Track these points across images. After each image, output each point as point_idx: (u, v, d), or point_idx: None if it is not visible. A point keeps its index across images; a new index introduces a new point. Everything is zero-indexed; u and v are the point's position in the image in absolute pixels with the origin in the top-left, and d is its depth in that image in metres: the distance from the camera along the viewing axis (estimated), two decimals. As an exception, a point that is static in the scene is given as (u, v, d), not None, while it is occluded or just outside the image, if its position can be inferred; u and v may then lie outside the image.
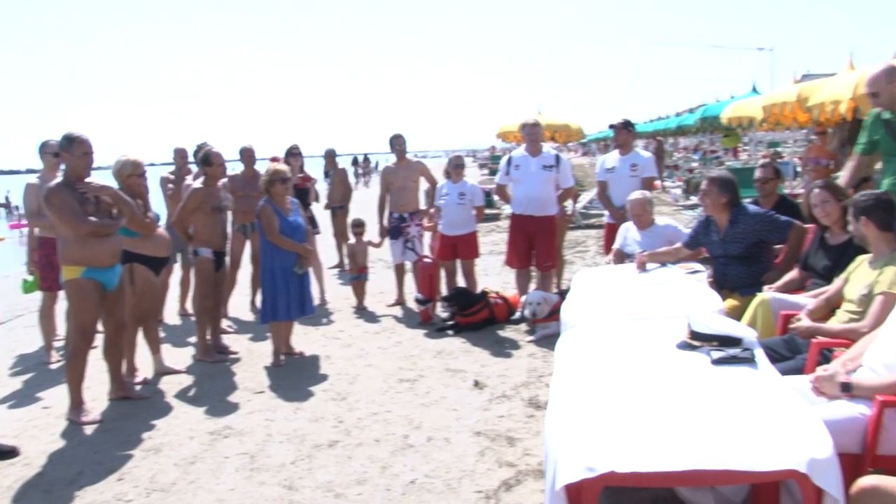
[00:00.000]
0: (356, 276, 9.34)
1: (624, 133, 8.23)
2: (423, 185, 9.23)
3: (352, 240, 9.57)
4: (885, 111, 5.44)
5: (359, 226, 9.58)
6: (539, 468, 4.37)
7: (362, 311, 9.03)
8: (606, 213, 8.38)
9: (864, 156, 5.59)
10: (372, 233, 9.49)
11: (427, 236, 9.30)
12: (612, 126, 8.34)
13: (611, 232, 7.67)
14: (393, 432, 5.15)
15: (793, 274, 5.42)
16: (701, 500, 3.57)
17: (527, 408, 5.48)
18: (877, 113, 5.52)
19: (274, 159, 9.00)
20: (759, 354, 3.61)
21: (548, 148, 8.25)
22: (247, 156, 8.95)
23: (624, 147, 8.18)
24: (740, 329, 3.84)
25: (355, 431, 5.21)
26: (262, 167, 7.84)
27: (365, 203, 9.75)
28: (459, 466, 4.54)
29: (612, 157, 8.28)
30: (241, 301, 9.28)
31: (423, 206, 9.21)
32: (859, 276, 4.30)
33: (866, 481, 2.72)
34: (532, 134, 7.95)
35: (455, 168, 8.51)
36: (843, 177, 5.71)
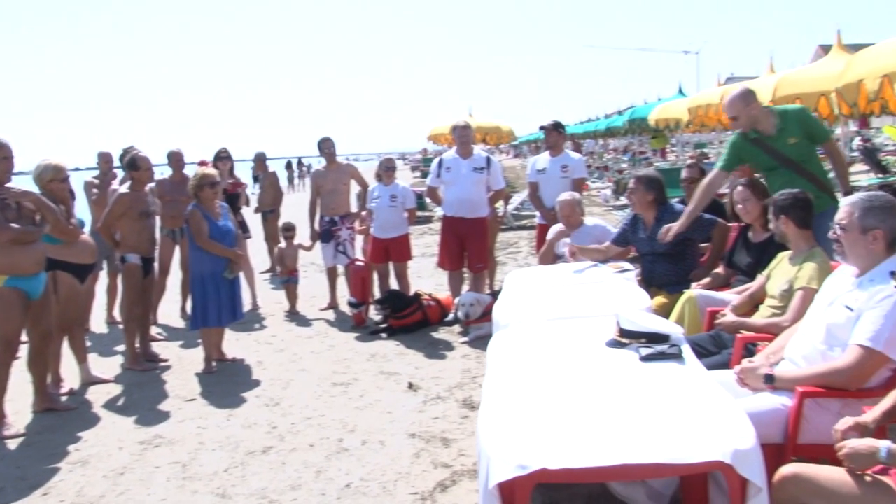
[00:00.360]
0: (286, 279, 9.27)
1: (554, 134, 8.31)
2: (355, 188, 9.19)
3: (283, 243, 9.49)
4: (751, 131, 5.62)
5: (289, 229, 9.51)
6: (474, 468, 4.40)
7: (295, 316, 8.96)
8: (538, 214, 8.47)
9: (724, 171, 5.77)
10: (303, 236, 9.42)
11: (359, 239, 9.27)
12: (542, 128, 8.42)
13: (542, 232, 7.75)
14: (327, 436, 5.13)
15: (718, 271, 5.57)
16: (633, 494, 3.65)
17: (461, 409, 5.51)
18: (742, 133, 5.68)
19: (202, 163, 8.87)
20: (686, 350, 3.70)
21: (478, 150, 8.31)
22: (175, 160, 8.78)
23: (555, 149, 8.26)
24: (667, 326, 3.93)
25: (289, 437, 5.17)
26: (190, 171, 7.71)
27: (298, 206, 9.69)
28: (395, 469, 4.54)
29: (543, 159, 8.36)
30: (171, 308, 9.11)
31: (354, 209, 9.18)
32: (780, 272, 4.44)
33: (787, 469, 2.81)
34: (463, 136, 8.00)
35: (386, 171, 8.51)
36: (700, 188, 5.84)
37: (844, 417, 2.90)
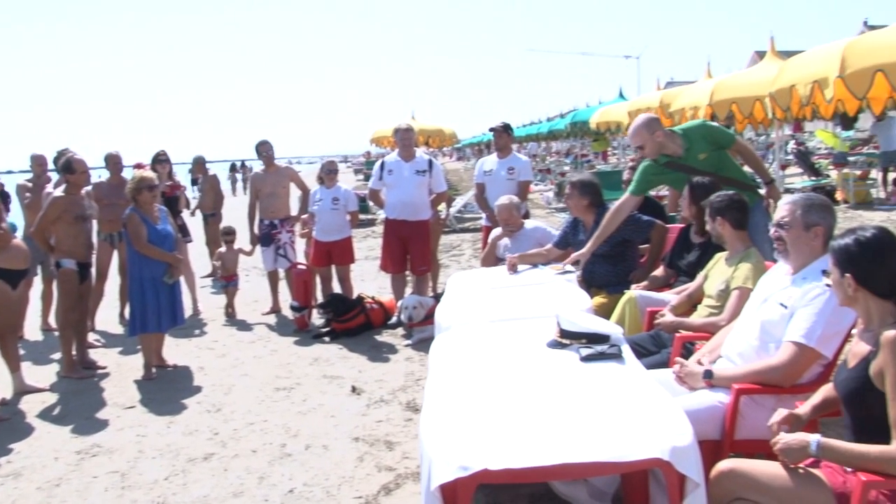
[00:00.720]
0: (226, 283, 9.16)
1: (505, 136, 8.39)
2: (296, 191, 9.12)
3: (223, 248, 9.36)
4: (660, 157, 5.68)
5: (229, 233, 9.39)
6: (418, 471, 4.39)
7: (236, 321, 8.85)
8: (483, 215, 8.52)
9: (634, 196, 5.83)
10: (244, 240, 9.30)
11: (302, 242, 9.20)
12: (492, 129, 8.48)
13: (488, 234, 7.78)
14: (270, 442, 5.08)
15: (658, 272, 5.66)
16: (575, 493, 3.69)
17: (405, 411, 5.50)
18: (653, 160, 5.73)
19: (138, 166, 8.70)
20: (626, 350, 3.75)
21: (420, 153, 8.33)
22: (112, 162, 8.59)
23: (503, 150, 8.32)
24: (607, 326, 3.98)
25: (231, 443, 5.10)
26: (128, 174, 7.57)
27: (241, 209, 9.58)
28: (338, 473, 4.52)
29: (491, 161, 8.43)
30: (109, 313, 8.92)
31: (294, 212, 9.10)
32: (717, 272, 4.53)
33: (724, 465, 2.87)
34: (405, 139, 8.00)
35: (328, 174, 8.47)
36: (610, 212, 5.87)
37: (779, 410, 2.97)
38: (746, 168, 6.22)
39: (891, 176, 16.56)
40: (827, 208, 3.52)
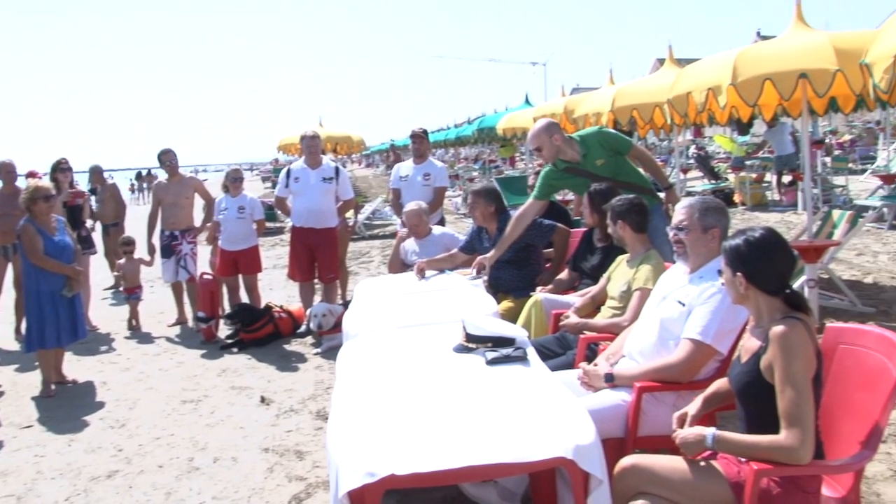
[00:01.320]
0: (128, 296, 8.91)
1: (425, 142, 8.44)
2: (200, 201, 8.94)
3: (123, 259, 9.09)
4: (558, 161, 5.85)
5: (128, 244, 9.12)
6: (328, 480, 4.38)
7: (141, 333, 8.62)
8: (398, 221, 8.53)
9: (537, 200, 5.99)
10: (144, 250, 9.03)
11: (206, 252, 9.02)
12: (412, 134, 8.49)
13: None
14: (177, 456, 4.97)
15: (563, 275, 5.77)
16: (485, 495, 3.73)
17: (315, 420, 5.46)
18: (553, 165, 5.91)
19: (31, 175, 8.40)
20: (531, 352, 3.81)
21: (327, 160, 8.28)
22: (5, 171, 8.27)
23: (421, 156, 8.35)
24: (512, 329, 4.03)
25: (136, 459, 4.97)
26: (22, 183, 7.29)
27: (143, 219, 9.33)
28: (248, 485, 4.46)
29: (407, 166, 8.46)
30: (4, 329, 8.57)
31: (198, 223, 8.90)
32: (619, 274, 4.65)
33: (626, 461, 2.96)
34: (311, 146, 7.95)
35: (233, 182, 8.35)
36: (514, 218, 5.97)
37: (679, 409, 3.08)
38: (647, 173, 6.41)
39: (784, 179, 17.30)
40: (722, 211, 3.69)
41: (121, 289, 9.76)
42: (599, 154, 5.77)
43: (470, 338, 3.87)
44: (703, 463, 2.84)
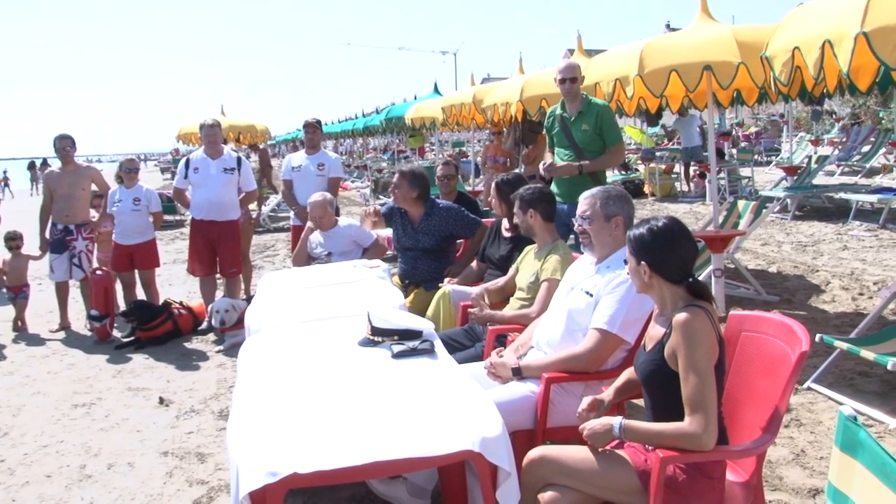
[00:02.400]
0: (13, 295, 8.53)
1: (319, 132, 8.47)
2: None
3: (8, 255, 8.71)
4: (558, 107, 6.27)
5: (14, 238, 8.69)
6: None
7: (27, 335, 8.28)
8: (291, 213, 8.44)
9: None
10: (33, 246, 8.67)
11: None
12: (306, 125, 8.48)
13: (297, 233, 7.70)
14: (67, 464, 4.80)
15: (472, 266, 5.82)
16: (394, 492, 3.74)
17: (217, 420, 5.38)
18: (553, 109, 6.35)
19: None
20: (438, 345, 3.83)
21: (229, 150, 8.14)
22: None
23: (314, 147, 8.34)
24: (419, 322, 4.04)
25: (21, 469, 4.78)
26: None
27: (33, 212, 8.94)
28: (146, 491, 4.35)
29: (299, 156, 8.43)
30: None
31: (95, 216, 8.60)
32: (527, 265, 4.72)
33: (534, 453, 3.01)
34: (211, 135, 7.78)
35: (127, 172, 8.11)
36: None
37: (584, 399, 3.14)
38: None
39: (692, 170, 17.86)
40: (624, 198, 3.78)
41: (3, 289, 9.35)
42: (589, 121, 6.18)
43: (375, 331, 3.87)
44: (609, 452, 2.92)
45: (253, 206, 9.64)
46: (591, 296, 3.63)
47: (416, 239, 6.11)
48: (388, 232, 6.92)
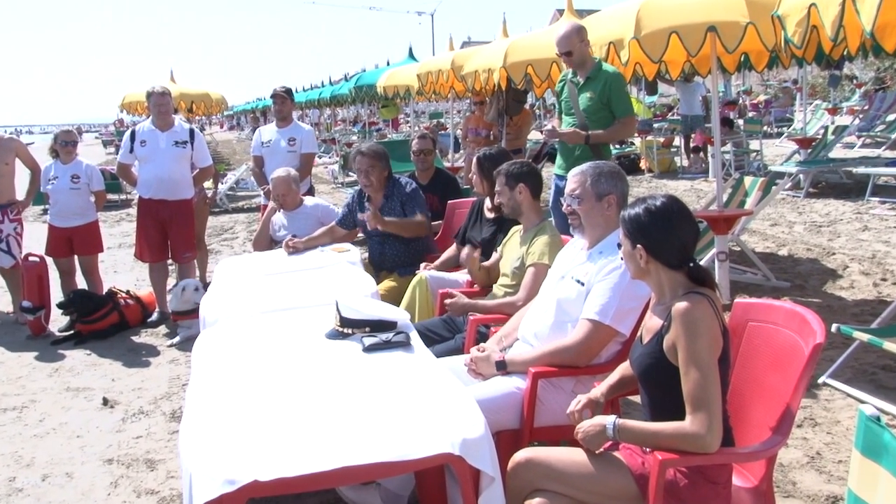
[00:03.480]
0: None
1: (288, 103, 8.49)
2: (24, 169, 8.50)
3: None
4: (570, 71, 6.35)
5: None
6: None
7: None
8: (261, 192, 8.43)
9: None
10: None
11: (35, 229, 8.65)
12: (274, 94, 8.51)
13: (269, 213, 7.69)
14: (-6, 477, 4.76)
15: (450, 250, 5.81)
16: (366, 499, 3.75)
17: (169, 423, 5.37)
18: (565, 73, 6.48)
19: None
20: (414, 337, 3.84)
21: (180, 121, 8.09)
22: None
23: (284, 119, 8.39)
24: (393, 312, 4.05)
25: (-61, 484, 4.72)
26: None
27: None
28: (87, 504, 4.34)
29: (269, 130, 8.53)
30: None
31: (21, 196, 8.48)
32: (512, 248, 4.73)
33: (520, 455, 3.01)
34: (160, 104, 7.73)
35: (64, 146, 8.00)
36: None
37: (577, 397, 3.14)
38: None
39: (693, 143, 17.89)
40: (617, 175, 3.78)
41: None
42: (596, 88, 6.19)
43: (345, 322, 3.87)
44: (604, 454, 2.92)
45: (209, 183, 9.58)
46: (583, 284, 3.63)
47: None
48: None
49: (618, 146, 19.64)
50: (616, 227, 3.60)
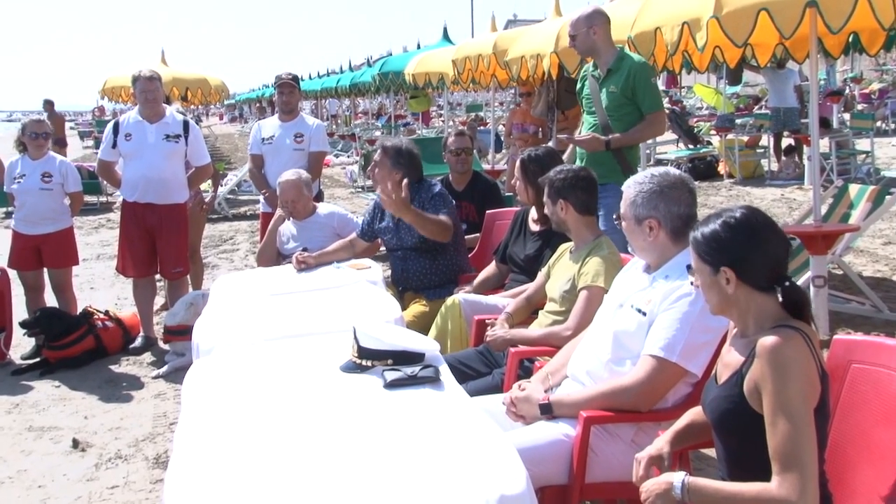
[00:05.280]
0: None
1: (296, 92, 8.52)
2: None
3: None
4: (591, 65, 6.45)
5: None
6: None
7: None
8: (261, 198, 8.47)
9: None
10: None
11: None
12: (278, 81, 8.50)
13: (268, 223, 7.70)
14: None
15: (489, 269, 5.81)
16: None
17: (152, 470, 5.40)
18: (587, 67, 6.57)
19: None
20: (445, 372, 3.84)
21: (173, 111, 8.15)
22: None
23: (289, 112, 8.40)
24: (421, 342, 4.05)
25: None
26: None
27: None
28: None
29: (271, 125, 8.51)
30: None
31: None
32: (561, 269, 4.72)
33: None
34: (148, 91, 7.79)
35: (34, 138, 8.08)
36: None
37: (642, 450, 3.12)
38: None
39: (784, 143, 17.67)
40: (659, 194, 3.66)
41: None
42: (618, 81, 6.26)
43: (363, 353, 3.88)
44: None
45: (206, 185, 9.65)
46: (645, 314, 3.60)
47: (398, 235, 6.12)
48: None
49: (690, 146, 19.53)
50: (672, 251, 3.58)
